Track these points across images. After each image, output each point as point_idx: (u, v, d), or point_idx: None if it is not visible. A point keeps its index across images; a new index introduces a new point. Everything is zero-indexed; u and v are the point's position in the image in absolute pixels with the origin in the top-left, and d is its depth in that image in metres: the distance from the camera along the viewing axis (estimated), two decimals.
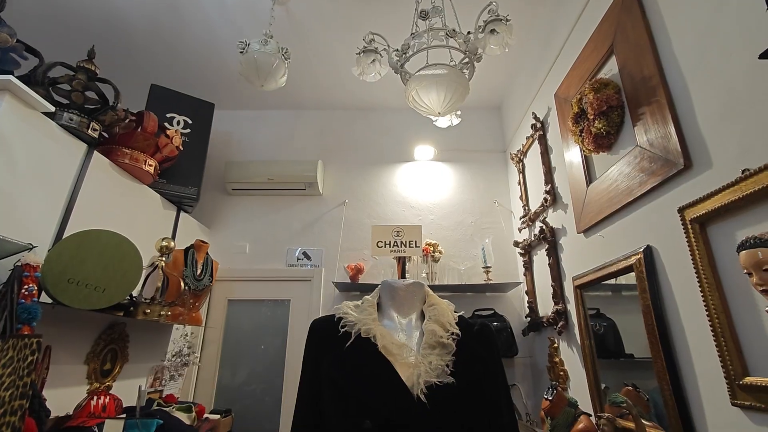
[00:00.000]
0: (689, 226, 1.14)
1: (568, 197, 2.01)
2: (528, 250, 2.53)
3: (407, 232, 0.87)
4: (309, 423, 0.72)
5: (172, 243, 1.94)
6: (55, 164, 1.56)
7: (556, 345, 2.15)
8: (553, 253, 2.15)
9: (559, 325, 2.02)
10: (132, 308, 1.69)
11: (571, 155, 1.92)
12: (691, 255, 1.13)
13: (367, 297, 0.80)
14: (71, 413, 1.56)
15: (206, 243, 2.35)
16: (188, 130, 2.56)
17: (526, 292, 2.52)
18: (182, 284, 2.00)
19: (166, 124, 2.41)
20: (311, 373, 0.73)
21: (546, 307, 2.25)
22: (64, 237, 1.49)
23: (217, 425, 2.09)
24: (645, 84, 1.36)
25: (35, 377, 1.10)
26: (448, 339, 0.71)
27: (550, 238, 2.17)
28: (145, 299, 1.74)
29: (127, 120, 1.89)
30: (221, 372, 2.70)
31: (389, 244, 0.85)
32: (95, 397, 1.59)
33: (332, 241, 2.86)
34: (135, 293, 1.73)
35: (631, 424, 1.39)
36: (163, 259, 1.89)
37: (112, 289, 1.48)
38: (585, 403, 1.77)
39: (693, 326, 1.17)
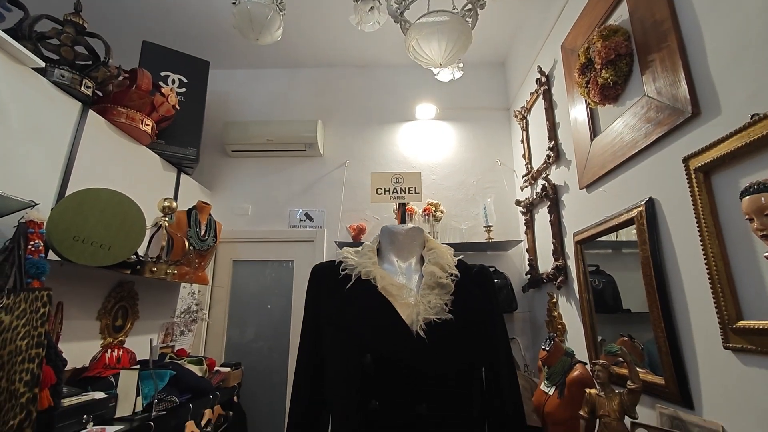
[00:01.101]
0: (693, 176, 1.13)
1: (571, 153, 1.98)
2: (529, 208, 2.53)
3: (407, 178, 0.86)
4: (311, 364, 0.75)
5: (174, 203, 1.95)
6: (51, 123, 1.54)
7: (555, 300, 2.20)
8: (555, 210, 2.15)
9: (558, 281, 2.06)
10: (139, 266, 1.73)
11: (576, 109, 1.87)
12: (693, 205, 1.13)
13: (367, 243, 0.81)
14: (87, 365, 1.64)
15: (208, 204, 2.35)
16: (183, 89, 2.50)
17: (527, 250, 2.55)
18: (187, 244, 2.02)
19: (160, 83, 2.35)
20: (312, 316, 0.75)
21: (546, 264, 2.28)
22: (65, 196, 1.50)
23: (228, 377, 2.19)
24: (656, 29, 1.30)
25: (49, 329, 1.14)
26: (446, 279, 0.72)
27: (552, 196, 2.16)
28: (151, 258, 1.77)
29: (121, 77, 1.84)
30: (230, 330, 2.80)
31: (389, 190, 0.84)
32: (109, 350, 1.65)
33: (334, 202, 2.87)
34: (140, 252, 1.75)
35: (625, 371, 1.44)
36: (166, 219, 1.91)
37: (117, 247, 1.50)
38: (581, 354, 1.83)
39: (690, 275, 1.18)
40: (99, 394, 1.41)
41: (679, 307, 1.24)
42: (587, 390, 1.47)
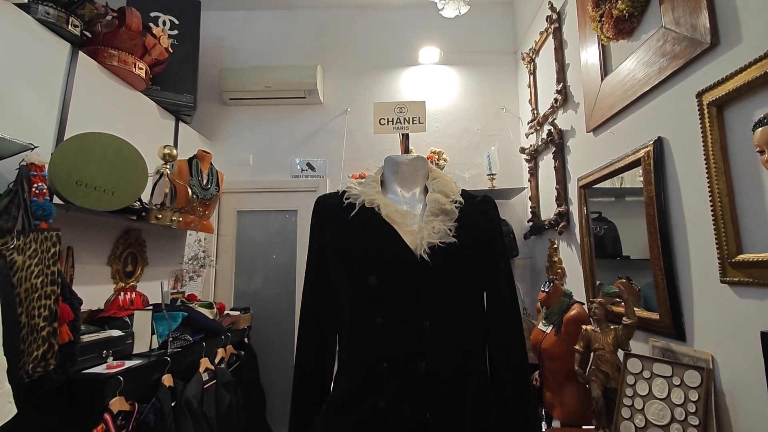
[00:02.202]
0: (705, 111, 1.09)
1: (579, 96, 1.91)
2: (534, 155, 2.50)
3: (410, 108, 0.83)
4: (318, 289, 0.77)
5: (175, 150, 1.93)
6: (41, 64, 1.48)
7: (555, 246, 2.23)
8: (560, 156, 2.12)
9: (560, 226, 2.07)
10: (144, 213, 1.74)
11: (587, 48, 1.78)
12: (702, 141, 1.10)
13: (370, 174, 0.81)
14: (102, 307, 1.70)
15: (209, 153, 2.32)
16: (175, 32, 2.39)
17: (530, 198, 2.55)
18: (190, 192, 2.02)
19: (150, 24, 2.24)
20: (318, 243, 0.77)
21: (548, 211, 2.29)
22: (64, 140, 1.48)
23: (238, 320, 2.28)
24: None
25: (61, 268, 1.17)
26: (450, 206, 0.73)
27: (557, 141, 2.12)
28: (155, 205, 1.78)
29: (109, 17, 1.75)
30: (237, 279, 2.88)
31: (392, 121, 0.82)
32: (122, 293, 1.71)
33: (335, 151, 2.83)
34: (144, 199, 1.76)
35: (621, 309, 1.49)
36: (167, 167, 1.89)
37: (121, 192, 1.51)
38: (580, 296, 1.88)
39: (693, 212, 1.18)
40: (116, 332, 1.48)
41: (679, 245, 1.25)
42: (583, 326, 1.53)
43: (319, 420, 0.73)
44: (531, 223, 2.50)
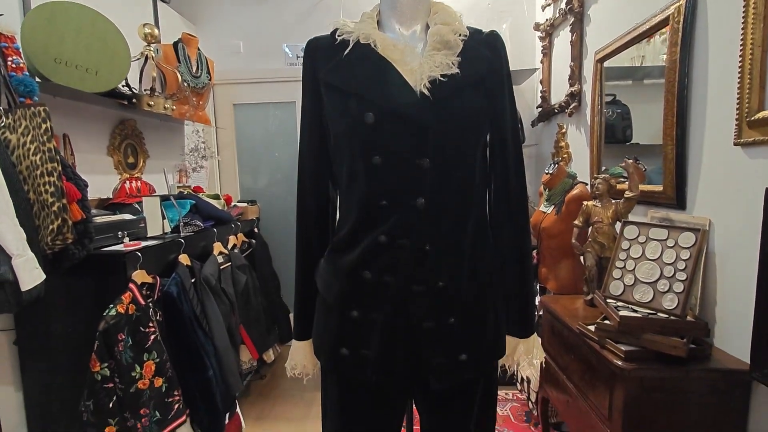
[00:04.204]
0: None
1: None
2: (549, 31, 2.28)
3: None
4: (314, 144, 0.75)
5: (156, 30, 1.77)
6: None
7: (564, 130, 2.16)
8: (578, 27, 1.92)
9: (571, 107, 1.98)
10: (135, 100, 1.67)
11: None
12: None
13: (365, 11, 0.73)
14: (111, 196, 1.73)
15: (194, 36, 2.14)
16: None
17: (540, 81, 2.40)
18: (179, 77, 1.91)
19: None
20: (311, 91, 0.72)
21: (559, 94, 2.16)
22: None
23: (246, 211, 2.34)
24: None
25: (57, 148, 1.15)
26: (453, 37, 0.67)
27: (577, 9, 1.90)
28: (145, 90, 1.70)
29: None
30: (241, 177, 2.89)
31: None
32: (128, 182, 1.73)
33: None
34: (134, 86, 1.67)
35: (624, 186, 1.48)
36: (151, 49, 1.76)
37: (105, 73, 1.42)
38: (584, 179, 1.87)
39: (718, 69, 1.10)
40: (128, 216, 1.52)
41: (696, 109, 1.19)
42: (584, 202, 1.55)
43: (322, 264, 0.77)
44: (540, 109, 2.39)
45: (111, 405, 1.22)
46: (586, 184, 1.77)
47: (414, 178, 0.65)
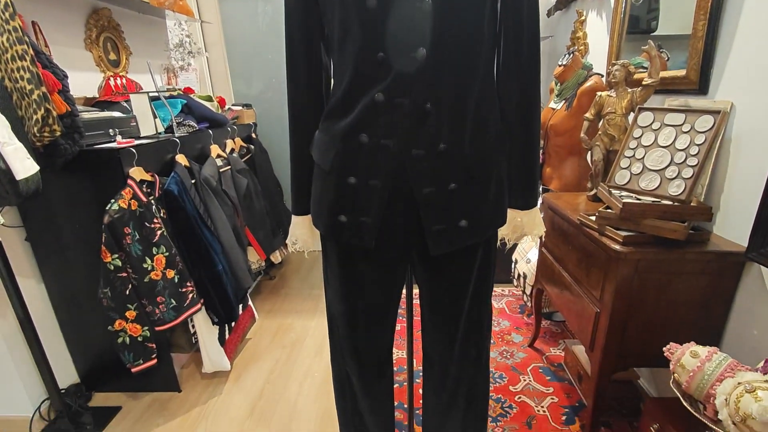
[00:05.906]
0: None
1: None
2: None
3: None
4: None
5: None
6: None
7: (583, 18, 1.95)
8: None
9: None
10: None
11: None
12: None
13: None
14: (97, 95, 1.64)
15: None
16: None
17: None
18: None
19: None
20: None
21: None
22: None
23: (241, 114, 2.25)
24: None
25: (27, 33, 1.05)
26: None
27: None
28: None
29: None
30: (234, 82, 2.73)
31: None
32: (112, 79, 1.62)
33: None
34: None
35: (643, 75, 1.37)
36: None
37: None
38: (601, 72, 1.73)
39: None
40: (118, 114, 1.46)
41: None
42: (598, 93, 1.45)
43: (318, 135, 0.74)
44: None
45: (128, 292, 1.29)
46: (602, 76, 1.65)
47: (414, 24, 0.58)
